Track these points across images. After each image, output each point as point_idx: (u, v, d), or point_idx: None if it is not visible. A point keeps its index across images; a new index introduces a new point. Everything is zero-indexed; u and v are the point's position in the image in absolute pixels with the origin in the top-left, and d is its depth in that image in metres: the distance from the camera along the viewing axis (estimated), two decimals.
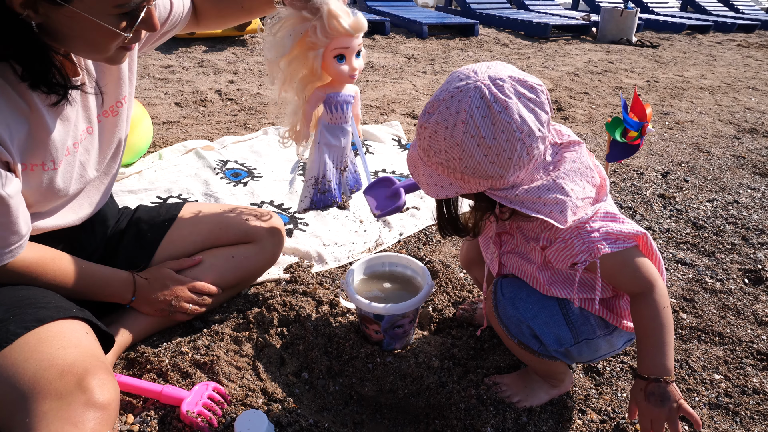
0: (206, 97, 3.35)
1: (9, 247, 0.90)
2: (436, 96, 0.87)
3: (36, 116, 0.90)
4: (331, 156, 1.35)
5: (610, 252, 0.90)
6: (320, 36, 1.14)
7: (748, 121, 3.56)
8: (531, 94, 0.84)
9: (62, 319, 0.92)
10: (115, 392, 0.84)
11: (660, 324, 0.91)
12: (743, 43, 7.62)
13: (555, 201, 0.88)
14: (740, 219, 2.09)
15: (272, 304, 1.36)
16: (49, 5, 0.78)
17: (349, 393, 1.21)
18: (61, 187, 1.00)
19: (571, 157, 0.91)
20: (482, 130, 0.82)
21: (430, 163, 0.91)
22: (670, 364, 0.90)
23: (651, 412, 0.90)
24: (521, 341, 1.03)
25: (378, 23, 6.33)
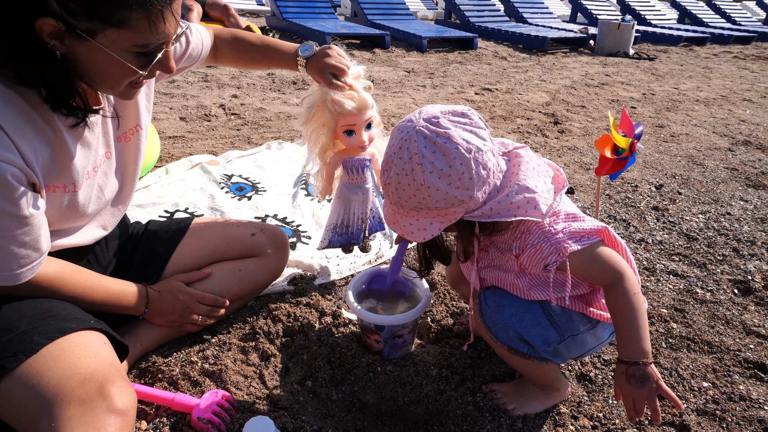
0: (210, 112, 3.42)
1: (31, 264, 0.96)
2: (387, 153, 0.98)
3: (60, 141, 0.96)
4: (351, 208, 1.50)
5: (577, 249, 0.99)
6: (329, 116, 1.32)
7: (742, 134, 3.63)
8: (463, 118, 0.95)
9: (82, 330, 0.98)
10: (133, 399, 0.89)
11: (632, 309, 0.98)
12: (740, 54, 7.71)
13: (526, 200, 0.97)
14: (732, 231, 2.15)
15: (277, 315, 1.42)
16: (74, 38, 0.84)
17: (352, 401, 1.26)
18: (80, 209, 1.06)
19: (523, 160, 1.02)
20: (437, 163, 0.92)
21: (405, 213, 1.00)
22: (647, 347, 0.97)
23: (632, 393, 0.97)
24: (510, 346, 1.08)
25: (378, 37, 6.44)
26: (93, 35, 0.84)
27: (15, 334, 0.93)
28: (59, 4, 0.80)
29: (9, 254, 0.92)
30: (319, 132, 1.40)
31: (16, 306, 0.99)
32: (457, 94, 4.36)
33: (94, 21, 0.82)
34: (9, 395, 0.88)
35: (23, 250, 0.93)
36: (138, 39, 0.87)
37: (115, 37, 0.85)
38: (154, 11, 0.85)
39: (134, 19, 0.84)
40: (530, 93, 4.54)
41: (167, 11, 0.87)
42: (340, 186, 1.48)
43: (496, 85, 4.79)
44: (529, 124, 3.58)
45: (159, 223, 1.44)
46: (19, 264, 0.94)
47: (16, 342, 0.92)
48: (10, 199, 0.87)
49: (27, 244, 0.93)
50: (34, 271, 0.98)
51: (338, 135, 1.38)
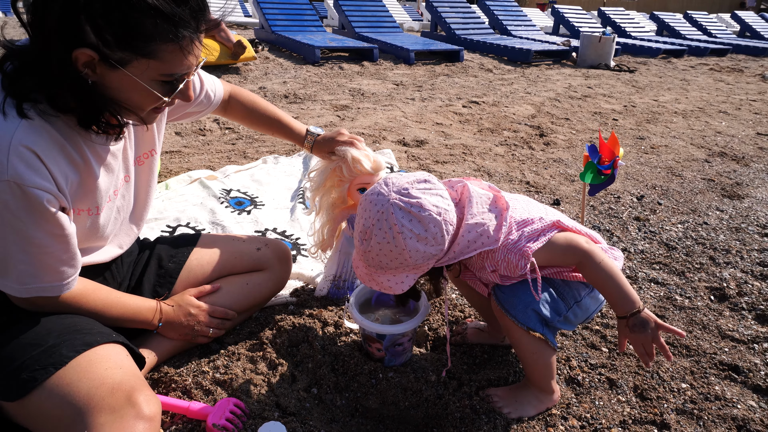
0: (205, 127, 3.49)
1: (68, 279, 1.04)
2: (364, 224, 1.11)
3: (87, 168, 1.03)
4: (350, 261, 1.63)
5: (537, 247, 1.13)
6: (346, 175, 1.48)
7: (718, 145, 3.79)
8: (428, 185, 1.11)
9: (106, 343, 1.04)
10: (158, 406, 0.96)
11: (608, 274, 1.14)
12: (715, 67, 7.97)
13: (480, 233, 1.13)
14: (708, 240, 2.27)
15: (282, 326, 1.49)
16: (106, 67, 0.91)
17: (355, 406, 1.33)
18: (101, 230, 1.13)
19: (467, 201, 1.16)
20: (415, 230, 1.07)
21: (384, 272, 1.13)
22: (634, 297, 1.13)
23: (640, 339, 1.12)
24: (529, 327, 1.19)
25: (367, 50, 6.55)
26: (124, 65, 0.91)
27: (44, 348, 0.99)
28: (96, 35, 0.87)
29: (52, 270, 1.00)
30: (331, 191, 1.55)
31: (42, 322, 1.05)
32: (445, 107, 4.48)
33: (126, 52, 0.90)
34: (41, 406, 0.95)
35: (62, 266, 1.01)
36: (165, 69, 0.95)
37: (145, 67, 0.93)
38: (183, 44, 0.93)
39: (163, 51, 0.92)
40: (516, 105, 4.68)
41: (194, 45, 0.96)
42: (342, 240, 1.61)
43: (483, 98, 4.91)
44: (515, 137, 3.70)
45: (167, 239, 1.51)
46: (60, 278, 1.02)
47: (46, 355, 0.98)
48: (49, 221, 0.95)
49: (65, 261, 1.01)
50: (71, 285, 1.06)
51: (351, 192, 1.52)
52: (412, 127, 3.81)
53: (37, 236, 0.95)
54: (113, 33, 0.87)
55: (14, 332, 1.03)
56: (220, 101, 1.48)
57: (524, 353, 1.26)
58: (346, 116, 4.02)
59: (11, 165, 0.88)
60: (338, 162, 1.50)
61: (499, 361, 1.44)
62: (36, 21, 0.87)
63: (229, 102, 1.52)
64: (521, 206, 1.22)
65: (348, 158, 1.45)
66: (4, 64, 0.93)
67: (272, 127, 1.58)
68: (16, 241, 0.95)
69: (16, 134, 0.89)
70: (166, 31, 0.90)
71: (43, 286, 1.01)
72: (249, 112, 1.55)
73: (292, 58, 6.25)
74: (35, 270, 0.99)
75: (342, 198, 1.55)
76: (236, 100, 1.53)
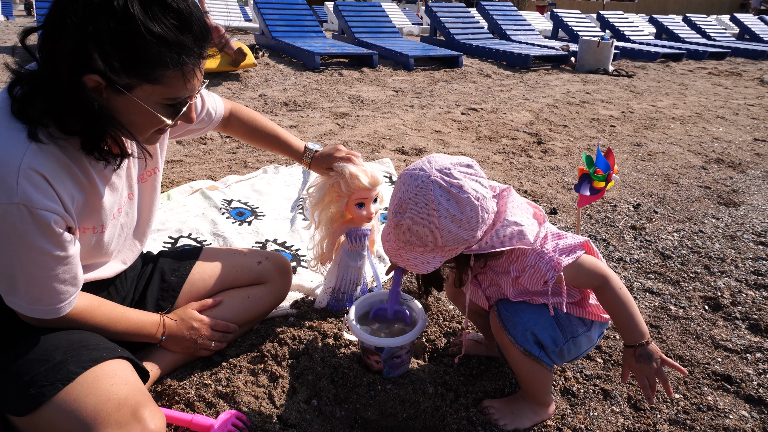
0: (206, 135, 3.52)
1: (69, 298, 1.06)
2: (401, 197, 1.12)
3: (93, 188, 1.06)
4: (348, 274, 1.67)
5: (568, 263, 1.15)
6: (344, 190, 1.51)
7: (715, 152, 3.82)
8: (470, 169, 1.12)
9: (112, 359, 1.07)
10: (163, 421, 0.99)
11: (623, 303, 1.16)
12: (714, 71, 8.01)
13: (515, 233, 1.14)
14: (704, 248, 2.30)
15: (283, 339, 1.52)
16: (112, 92, 0.94)
17: (354, 417, 1.36)
18: (105, 247, 1.16)
19: (509, 200, 1.18)
20: (451, 210, 1.07)
21: (412, 249, 1.14)
22: (644, 328, 1.15)
23: (644, 370, 1.14)
24: (526, 348, 1.21)
25: (366, 56, 6.60)
26: (130, 90, 0.95)
27: (52, 364, 1.02)
28: (104, 62, 0.90)
29: (52, 291, 1.03)
30: (329, 206, 1.58)
31: (49, 338, 1.08)
32: (444, 114, 4.51)
33: (133, 78, 0.93)
34: (49, 421, 0.98)
35: (63, 286, 1.04)
36: (169, 93, 0.98)
37: (150, 91, 0.96)
38: (186, 70, 0.96)
39: (168, 77, 0.95)
40: (514, 112, 4.71)
41: (197, 70, 0.99)
42: (341, 254, 1.64)
43: (482, 105, 4.95)
44: (513, 144, 3.73)
45: (169, 253, 1.54)
46: (59, 299, 1.05)
47: (54, 371, 1.01)
48: (55, 242, 0.98)
49: (67, 281, 1.04)
50: (72, 304, 1.09)
51: (349, 207, 1.56)
52: (411, 135, 3.85)
53: (42, 258, 0.98)
54: (120, 60, 0.90)
55: (22, 348, 1.06)
56: (220, 119, 1.51)
57: (520, 371, 1.28)
58: (346, 124, 4.05)
59: (20, 188, 0.91)
60: (336, 178, 1.53)
61: (496, 372, 1.47)
62: (46, 47, 0.91)
63: (229, 119, 1.56)
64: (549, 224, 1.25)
65: (346, 174, 1.49)
66: (14, 89, 0.96)
67: (271, 144, 1.61)
68: (21, 261, 0.97)
69: (26, 158, 0.92)
70: (171, 59, 0.93)
71: (44, 308, 1.04)
72: (249, 129, 1.58)
73: (292, 64, 6.29)
74: (37, 291, 1.02)
75: (340, 213, 1.59)
76: (236, 118, 1.56)
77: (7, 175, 0.90)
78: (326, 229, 1.62)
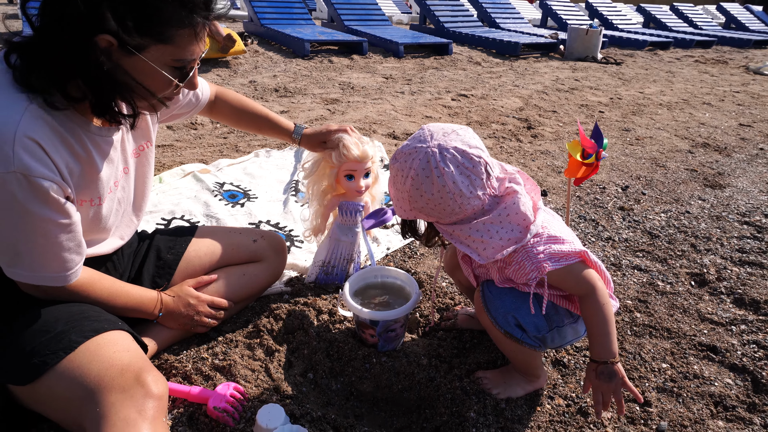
0: (197, 120, 3.50)
1: (75, 267, 1.07)
2: (404, 146, 1.12)
3: (89, 160, 1.06)
4: (339, 249, 1.68)
5: (554, 269, 1.12)
6: (335, 160, 1.53)
7: (701, 136, 3.87)
8: (469, 164, 1.08)
9: (113, 330, 1.08)
10: (166, 386, 1.00)
11: (603, 318, 1.14)
12: (700, 59, 8.08)
13: (481, 241, 1.13)
14: (690, 228, 2.34)
15: (278, 314, 1.54)
16: (122, 54, 0.94)
17: (350, 390, 1.38)
18: (103, 221, 1.17)
19: (504, 207, 1.13)
20: (424, 186, 1.08)
21: (395, 192, 1.16)
22: (615, 349, 1.13)
23: (601, 387, 1.13)
24: (507, 331, 1.22)
25: (356, 43, 6.57)
26: (141, 50, 0.95)
27: (53, 334, 1.03)
28: (117, 22, 0.90)
29: (59, 259, 1.04)
30: (322, 178, 1.61)
31: (50, 310, 1.08)
32: (434, 101, 4.52)
33: (145, 37, 0.93)
34: (52, 389, 0.98)
35: (69, 254, 1.05)
36: (178, 54, 0.99)
37: (161, 52, 0.96)
38: (198, 29, 0.98)
39: (179, 36, 0.96)
40: (504, 98, 4.73)
41: (205, 30, 1.00)
42: (333, 227, 1.66)
43: (472, 91, 4.96)
44: (503, 129, 3.76)
45: (165, 231, 1.55)
46: (66, 267, 1.06)
47: (55, 341, 1.02)
48: (57, 209, 0.98)
49: (72, 249, 1.05)
50: (78, 273, 1.09)
51: (339, 179, 1.57)
52: (402, 120, 3.85)
53: (45, 226, 0.99)
54: (134, 18, 0.91)
55: (23, 320, 1.06)
56: (207, 101, 1.50)
57: (505, 350, 1.31)
58: (337, 110, 4.05)
59: (17, 156, 0.91)
60: (330, 151, 1.55)
61: (488, 345, 1.50)
62: (55, 8, 0.90)
63: (215, 103, 1.55)
64: (557, 225, 1.22)
65: (339, 143, 1.51)
66: (9, 57, 0.95)
67: (260, 125, 1.61)
68: (24, 230, 0.98)
69: (21, 125, 0.92)
70: (183, 17, 0.94)
71: (51, 275, 1.05)
72: (236, 112, 1.58)
73: (282, 51, 6.25)
74: (43, 259, 1.03)
75: (331, 185, 1.60)
76: (222, 101, 1.56)
77: (3, 143, 0.90)
78: (319, 203, 1.63)
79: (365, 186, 1.60)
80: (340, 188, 1.63)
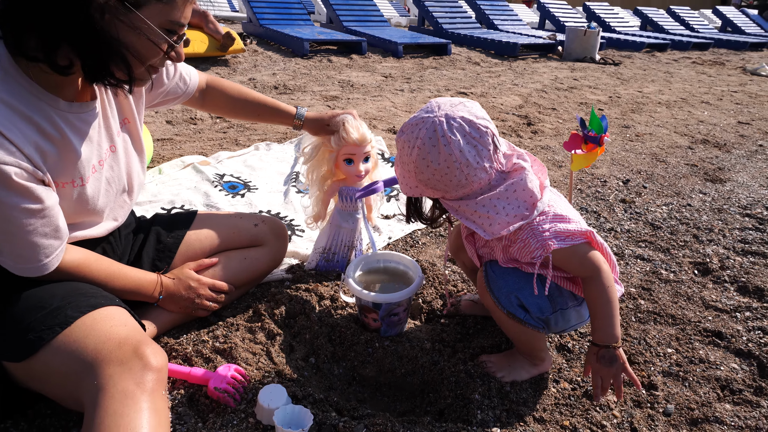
0: (196, 116, 3.49)
1: (55, 252, 1.04)
2: (411, 118, 1.11)
3: (64, 141, 1.02)
4: (340, 235, 1.67)
5: (559, 248, 1.11)
6: (334, 144, 1.52)
7: (701, 133, 3.87)
8: (476, 134, 1.07)
9: (110, 305, 1.06)
10: (165, 359, 0.98)
11: (607, 301, 1.12)
12: (698, 60, 8.11)
13: (487, 216, 1.11)
14: (692, 220, 2.33)
15: (280, 299, 1.52)
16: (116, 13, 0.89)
17: (352, 375, 1.36)
18: (90, 202, 1.12)
19: (511, 182, 1.11)
20: (430, 156, 1.06)
21: (401, 167, 1.14)
22: (617, 333, 1.12)
23: (601, 371, 1.12)
24: (509, 311, 1.21)
25: (355, 43, 6.57)
26: (139, 8, 0.91)
27: (49, 310, 1.00)
28: None
29: (34, 246, 0.99)
30: (321, 163, 1.59)
31: (46, 287, 1.06)
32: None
33: None
34: (48, 364, 0.96)
35: (45, 240, 1.00)
36: (173, 15, 0.95)
37: (158, 11, 0.93)
38: None
39: None
40: (503, 96, 4.73)
41: None
42: (334, 213, 1.65)
43: (471, 89, 4.96)
44: (503, 126, 3.75)
45: (165, 216, 1.53)
46: (44, 254, 1.01)
47: (51, 316, 1.00)
48: (23, 194, 0.93)
49: (48, 234, 1.00)
50: (59, 258, 1.06)
51: (338, 163, 1.56)
52: (402, 116, 3.85)
53: (11, 213, 0.93)
54: None
55: (18, 297, 1.04)
56: (196, 87, 1.46)
57: (508, 332, 1.30)
58: (337, 106, 4.04)
59: None
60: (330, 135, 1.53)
61: (492, 330, 1.48)
62: None
63: (206, 91, 1.50)
64: (563, 205, 1.21)
65: (340, 129, 1.50)
66: None
67: (258, 111, 1.56)
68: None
69: None
70: None
71: (30, 266, 1.01)
72: (231, 100, 1.53)
73: (281, 51, 6.24)
74: (20, 249, 0.98)
75: (330, 170, 1.59)
76: (215, 89, 1.51)
77: None
78: (318, 188, 1.62)
79: (365, 170, 1.58)
80: (340, 173, 1.62)
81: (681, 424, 1.22)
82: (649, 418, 1.23)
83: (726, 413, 1.25)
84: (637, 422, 1.21)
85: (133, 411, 0.87)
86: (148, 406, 0.90)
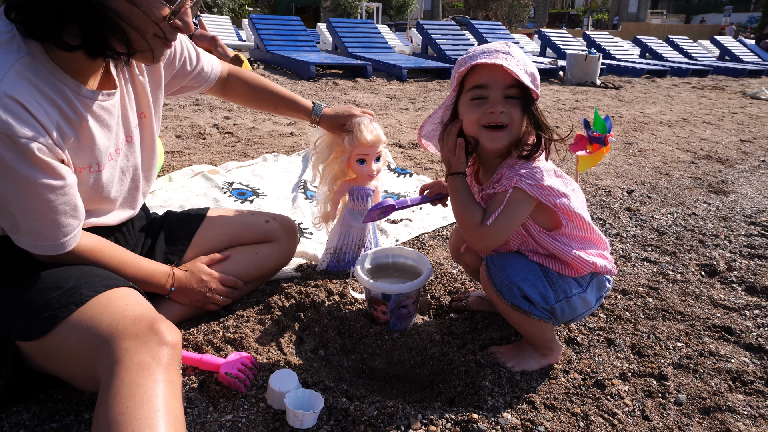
0: (205, 131, 3.55)
1: (73, 232, 1.06)
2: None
3: (83, 125, 1.05)
4: (351, 234, 1.69)
5: (522, 188, 1.13)
6: (347, 145, 1.55)
7: (703, 150, 3.91)
8: None
9: (124, 286, 1.07)
10: (179, 335, 0.99)
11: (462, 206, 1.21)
12: (698, 85, 8.22)
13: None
14: (697, 227, 2.35)
15: (290, 293, 1.53)
16: None
17: (361, 367, 1.36)
18: (105, 189, 1.15)
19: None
20: None
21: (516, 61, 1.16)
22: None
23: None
24: (513, 303, 1.21)
25: (360, 67, 6.71)
26: None
27: (65, 289, 1.02)
28: None
29: (53, 224, 1.01)
30: (333, 163, 1.62)
31: (62, 269, 1.08)
32: None
33: None
34: (64, 342, 0.97)
35: (65, 218, 1.03)
36: None
37: None
38: None
39: None
40: None
41: None
42: (344, 213, 1.67)
43: None
44: None
45: (178, 212, 1.55)
46: (63, 233, 1.04)
47: (67, 295, 1.01)
48: (45, 170, 0.96)
49: (67, 213, 1.03)
50: (76, 239, 1.08)
51: (351, 163, 1.58)
52: (407, 132, 3.91)
53: (34, 188, 0.96)
54: None
55: (34, 277, 1.05)
56: (218, 76, 1.51)
57: (514, 324, 1.30)
58: None
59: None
60: (344, 135, 1.56)
61: (501, 324, 1.48)
62: None
63: (228, 80, 1.56)
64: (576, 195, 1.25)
65: (356, 127, 1.53)
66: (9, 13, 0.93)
67: (276, 104, 1.61)
68: (16, 193, 0.96)
69: (1, 85, 0.90)
70: None
71: (49, 244, 1.03)
72: (251, 90, 1.58)
73: (287, 74, 6.38)
74: (39, 226, 1.01)
75: (342, 170, 1.61)
76: (236, 78, 1.57)
77: None
78: (329, 188, 1.64)
79: (377, 170, 1.61)
80: (351, 173, 1.64)
81: (693, 413, 1.21)
82: (660, 407, 1.22)
83: (738, 402, 1.24)
84: (648, 410, 1.20)
85: (148, 381, 0.88)
86: (164, 378, 0.90)
